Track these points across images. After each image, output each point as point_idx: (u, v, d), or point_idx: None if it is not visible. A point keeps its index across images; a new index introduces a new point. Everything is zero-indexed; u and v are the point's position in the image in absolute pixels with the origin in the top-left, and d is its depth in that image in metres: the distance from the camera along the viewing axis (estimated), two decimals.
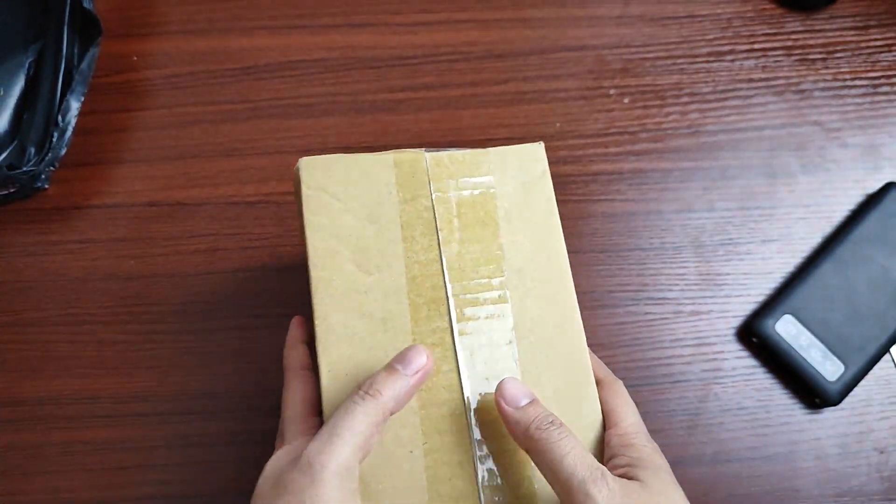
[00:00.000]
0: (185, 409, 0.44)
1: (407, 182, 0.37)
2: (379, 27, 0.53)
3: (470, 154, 0.38)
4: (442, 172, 0.37)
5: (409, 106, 0.51)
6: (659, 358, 0.45)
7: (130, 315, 0.46)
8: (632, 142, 0.50)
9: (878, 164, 0.49)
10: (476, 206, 0.37)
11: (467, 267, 0.36)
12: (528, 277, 0.36)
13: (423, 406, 0.33)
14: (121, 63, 0.52)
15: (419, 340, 0.34)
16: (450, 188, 0.37)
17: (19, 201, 0.48)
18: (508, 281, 0.36)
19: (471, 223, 0.36)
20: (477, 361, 0.34)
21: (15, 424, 0.44)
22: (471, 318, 0.35)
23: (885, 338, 0.44)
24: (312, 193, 0.36)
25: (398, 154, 0.37)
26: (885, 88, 0.51)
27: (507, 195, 0.37)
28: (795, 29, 0.52)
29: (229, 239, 0.48)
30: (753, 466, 0.38)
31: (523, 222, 0.37)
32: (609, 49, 0.52)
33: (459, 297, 0.35)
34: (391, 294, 0.35)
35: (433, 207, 0.36)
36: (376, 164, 0.37)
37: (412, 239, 0.36)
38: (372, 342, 0.34)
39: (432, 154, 0.37)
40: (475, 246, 0.36)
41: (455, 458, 0.32)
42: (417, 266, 0.36)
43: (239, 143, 0.50)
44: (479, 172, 0.37)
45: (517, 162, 0.38)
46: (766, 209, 0.48)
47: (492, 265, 0.36)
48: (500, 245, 0.36)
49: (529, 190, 0.38)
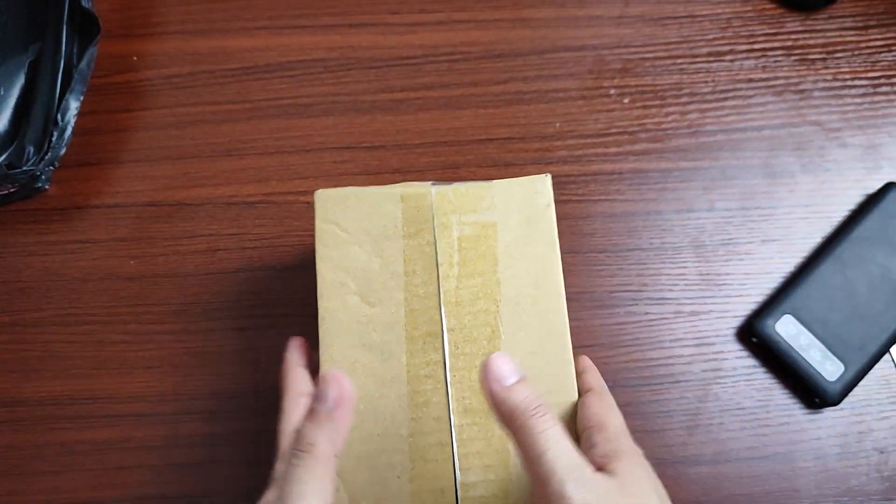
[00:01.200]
0: (185, 409, 0.44)
1: (412, 217, 0.38)
2: (378, 27, 0.53)
3: (474, 188, 0.38)
4: (446, 207, 0.38)
5: (408, 106, 0.51)
6: (659, 358, 0.45)
7: (130, 315, 0.46)
8: (631, 142, 0.50)
9: (878, 163, 0.49)
10: (478, 240, 0.37)
11: (464, 301, 0.37)
12: (524, 312, 0.37)
13: (412, 434, 0.35)
14: (121, 63, 0.52)
15: (412, 373, 0.36)
16: (452, 224, 0.38)
17: (20, 201, 0.48)
18: (503, 316, 0.36)
19: (471, 258, 0.37)
20: (466, 394, 0.35)
21: (15, 424, 0.44)
22: (464, 354, 0.36)
23: (885, 338, 0.44)
24: (325, 227, 0.37)
25: (405, 188, 0.38)
26: (884, 88, 0.51)
27: (510, 229, 0.38)
28: (795, 29, 0.52)
29: (229, 239, 0.48)
30: (753, 466, 0.38)
31: (523, 256, 0.37)
32: (609, 49, 0.52)
33: (454, 331, 0.36)
34: (390, 326, 0.36)
35: (434, 242, 0.37)
36: (385, 198, 0.38)
37: (413, 273, 0.37)
38: (371, 373, 0.36)
39: (438, 188, 0.38)
40: (474, 280, 0.37)
41: (438, 486, 0.34)
42: (416, 300, 0.37)
43: (239, 143, 0.50)
44: (482, 207, 0.38)
45: (522, 195, 0.38)
46: (766, 209, 0.48)
47: (488, 300, 0.37)
48: (498, 280, 0.37)
49: (532, 224, 0.38)
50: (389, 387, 0.35)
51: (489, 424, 0.35)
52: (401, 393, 0.35)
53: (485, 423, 0.35)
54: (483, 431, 0.35)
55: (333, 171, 0.49)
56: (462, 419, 0.35)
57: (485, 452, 0.35)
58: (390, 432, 0.35)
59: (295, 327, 0.45)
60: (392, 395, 0.35)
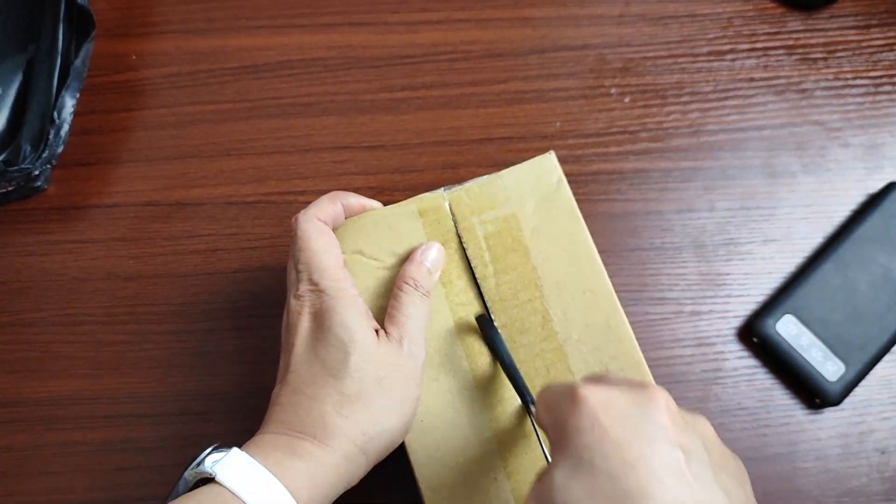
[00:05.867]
0: (185, 409, 0.44)
1: (434, 229, 0.38)
2: (378, 26, 0.53)
3: (486, 183, 0.38)
4: (464, 210, 0.38)
5: (408, 105, 0.51)
6: (659, 358, 0.45)
7: (129, 315, 0.46)
8: (632, 141, 0.50)
9: (879, 163, 0.49)
10: (503, 234, 0.38)
11: (507, 296, 0.37)
12: (567, 291, 0.37)
13: (496, 435, 0.35)
14: (120, 62, 0.52)
15: (479, 377, 0.36)
16: (475, 225, 0.38)
17: (18, 201, 0.48)
18: (549, 298, 0.37)
19: (501, 253, 0.38)
20: (536, 381, 0.36)
21: (14, 425, 0.44)
22: (522, 345, 0.36)
23: (886, 338, 0.44)
24: (350, 258, 0.37)
25: (420, 202, 0.38)
26: (886, 88, 0.51)
27: (530, 215, 0.38)
28: (796, 28, 0.52)
29: (228, 239, 0.47)
30: (754, 467, 0.38)
31: (551, 237, 0.38)
32: (609, 48, 0.52)
33: (506, 326, 0.37)
34: (443, 339, 0.37)
35: (463, 248, 0.38)
36: (402, 217, 0.38)
37: (450, 283, 0.38)
38: (437, 387, 0.36)
39: (451, 194, 0.38)
40: (510, 275, 0.37)
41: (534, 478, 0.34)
42: (461, 308, 0.37)
43: (238, 143, 0.50)
44: (498, 201, 0.38)
45: (532, 178, 0.39)
46: (767, 209, 0.48)
47: (530, 288, 0.37)
48: (534, 267, 0.37)
49: (550, 202, 0.38)
50: (461, 396, 0.36)
51: None
52: (474, 399, 0.36)
53: None
54: None
55: (333, 171, 0.49)
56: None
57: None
58: (474, 440, 0.35)
59: None
60: (466, 404, 0.36)
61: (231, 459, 0.31)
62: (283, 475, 0.30)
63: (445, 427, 0.35)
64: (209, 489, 0.30)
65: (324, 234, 0.36)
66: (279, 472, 0.30)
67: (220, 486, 0.30)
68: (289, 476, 0.30)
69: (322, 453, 0.32)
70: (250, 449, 0.32)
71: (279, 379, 0.35)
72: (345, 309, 0.33)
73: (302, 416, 0.32)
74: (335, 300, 0.34)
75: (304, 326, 0.34)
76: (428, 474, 0.35)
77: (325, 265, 0.35)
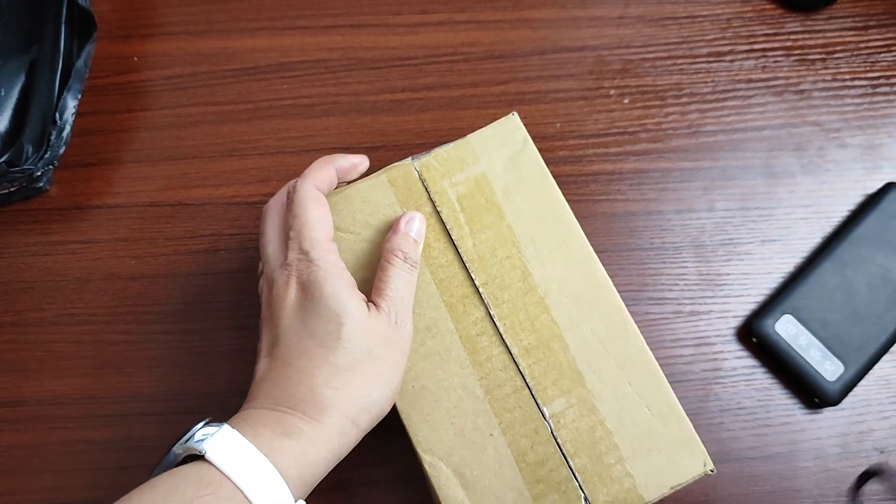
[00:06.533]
0: (187, 409, 0.44)
1: (406, 196, 0.39)
2: (379, 28, 0.53)
3: (453, 148, 0.40)
4: (434, 175, 0.39)
5: (409, 106, 0.51)
6: (659, 358, 0.45)
7: (131, 315, 0.46)
8: (632, 142, 0.50)
9: (877, 164, 0.49)
10: (475, 195, 0.39)
11: (485, 255, 0.38)
12: (542, 245, 0.38)
13: (487, 391, 0.36)
14: (122, 64, 0.52)
15: (464, 336, 0.37)
16: (446, 188, 0.39)
17: (21, 202, 0.49)
18: (526, 255, 0.38)
19: (476, 214, 0.38)
20: (522, 335, 0.37)
21: (16, 424, 0.44)
22: (504, 301, 0.37)
23: (885, 338, 0.44)
24: None
25: (389, 172, 0.39)
26: (884, 89, 0.51)
27: (499, 175, 0.39)
28: (795, 29, 0.53)
29: (230, 239, 0.48)
30: (753, 466, 0.38)
31: (522, 195, 0.39)
32: (609, 49, 0.52)
33: (487, 284, 0.37)
34: (426, 302, 0.37)
35: (437, 212, 0.39)
36: (373, 188, 0.39)
37: (428, 247, 0.38)
38: (425, 351, 0.37)
39: (420, 161, 0.39)
40: (487, 234, 0.38)
41: (530, 427, 0.35)
42: (441, 269, 0.38)
43: (240, 144, 0.50)
44: (467, 163, 0.39)
45: (498, 140, 0.40)
46: (766, 209, 0.48)
47: (507, 246, 0.38)
48: (509, 225, 0.38)
49: (518, 162, 0.39)
50: (449, 357, 0.36)
51: (553, 354, 0.36)
52: (461, 358, 0.36)
53: (549, 356, 0.36)
54: (551, 363, 0.36)
55: None
56: (526, 360, 0.36)
57: (559, 380, 0.36)
58: (466, 399, 0.36)
59: None
60: (454, 364, 0.36)
61: (221, 437, 0.30)
62: (274, 455, 0.30)
63: (437, 389, 0.36)
64: (197, 467, 0.30)
65: (320, 203, 0.35)
66: (269, 451, 0.30)
67: (209, 464, 0.29)
68: (279, 456, 0.30)
69: (313, 430, 0.31)
70: (240, 426, 0.31)
71: (264, 353, 0.34)
72: (335, 280, 0.33)
73: (291, 391, 0.32)
74: (324, 271, 0.33)
75: (291, 297, 0.34)
76: (424, 438, 0.35)
77: (317, 235, 0.34)
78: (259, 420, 0.32)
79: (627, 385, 0.36)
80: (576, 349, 0.36)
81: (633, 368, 0.36)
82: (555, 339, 0.36)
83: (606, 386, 0.36)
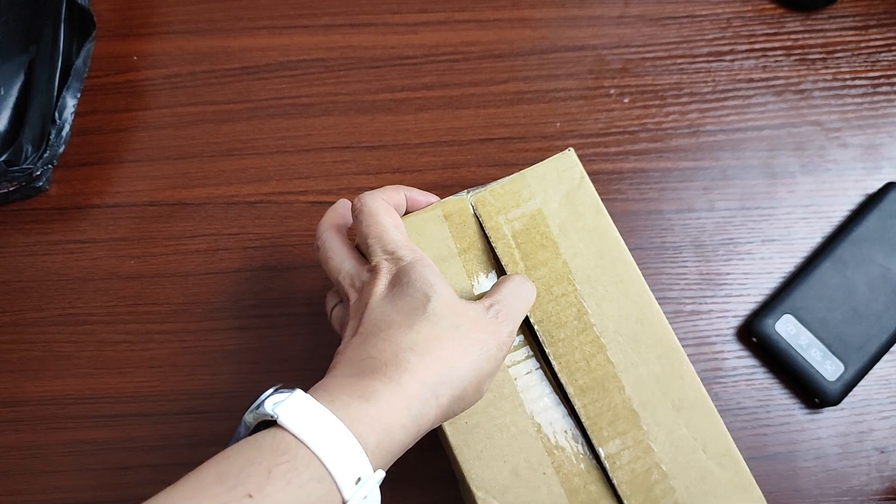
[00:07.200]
0: (185, 409, 0.44)
1: (460, 232, 0.38)
2: (379, 27, 0.53)
3: (509, 183, 0.39)
4: (489, 210, 0.38)
5: (409, 106, 0.51)
6: None
7: (131, 315, 0.46)
8: (632, 141, 0.50)
9: (877, 163, 0.49)
10: (530, 231, 0.38)
11: (541, 292, 0.37)
12: (599, 283, 0.37)
13: (539, 430, 0.35)
14: (121, 63, 0.52)
15: (517, 375, 0.36)
16: (501, 224, 0.38)
17: (20, 201, 0.48)
18: (582, 292, 0.37)
19: (531, 250, 0.38)
20: (577, 375, 0.36)
21: (16, 424, 0.44)
22: (559, 340, 0.36)
23: (885, 337, 0.44)
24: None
25: (444, 206, 0.38)
26: (884, 88, 0.51)
27: (555, 211, 0.38)
28: (795, 29, 0.53)
29: (230, 239, 0.48)
30: (753, 466, 0.38)
31: (578, 232, 0.38)
32: (609, 49, 0.52)
33: (542, 322, 0.37)
34: None
35: (492, 248, 0.38)
36: (428, 221, 0.38)
37: (480, 284, 0.38)
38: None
39: (475, 196, 0.39)
40: (542, 270, 0.37)
41: (582, 467, 0.35)
42: None
43: (239, 143, 0.50)
44: (523, 199, 0.39)
45: (555, 176, 0.39)
46: (766, 209, 0.48)
47: (563, 283, 0.37)
48: (564, 262, 0.38)
49: (574, 199, 0.39)
50: (501, 396, 0.36)
51: (608, 394, 0.36)
52: (514, 397, 0.36)
53: (604, 396, 0.36)
54: (605, 403, 0.35)
55: (334, 171, 0.49)
56: (582, 400, 0.35)
57: (615, 422, 0.35)
58: (519, 437, 0.35)
59: (295, 327, 0.45)
60: (507, 403, 0.36)
61: (294, 402, 0.28)
62: (350, 419, 0.28)
63: (490, 427, 0.35)
64: (271, 433, 0.28)
65: (391, 212, 0.35)
66: (345, 416, 0.28)
67: (283, 429, 0.28)
68: (356, 421, 0.28)
69: (391, 393, 0.29)
70: (315, 392, 0.30)
71: (347, 337, 0.33)
72: (423, 267, 0.33)
73: (374, 354, 0.31)
74: (413, 262, 0.33)
75: (380, 287, 0.33)
76: (478, 475, 0.35)
77: (398, 238, 0.34)
78: (335, 387, 0.30)
79: (683, 427, 0.35)
80: (631, 390, 0.36)
81: (688, 410, 0.36)
82: (610, 380, 0.36)
83: (662, 428, 0.35)
